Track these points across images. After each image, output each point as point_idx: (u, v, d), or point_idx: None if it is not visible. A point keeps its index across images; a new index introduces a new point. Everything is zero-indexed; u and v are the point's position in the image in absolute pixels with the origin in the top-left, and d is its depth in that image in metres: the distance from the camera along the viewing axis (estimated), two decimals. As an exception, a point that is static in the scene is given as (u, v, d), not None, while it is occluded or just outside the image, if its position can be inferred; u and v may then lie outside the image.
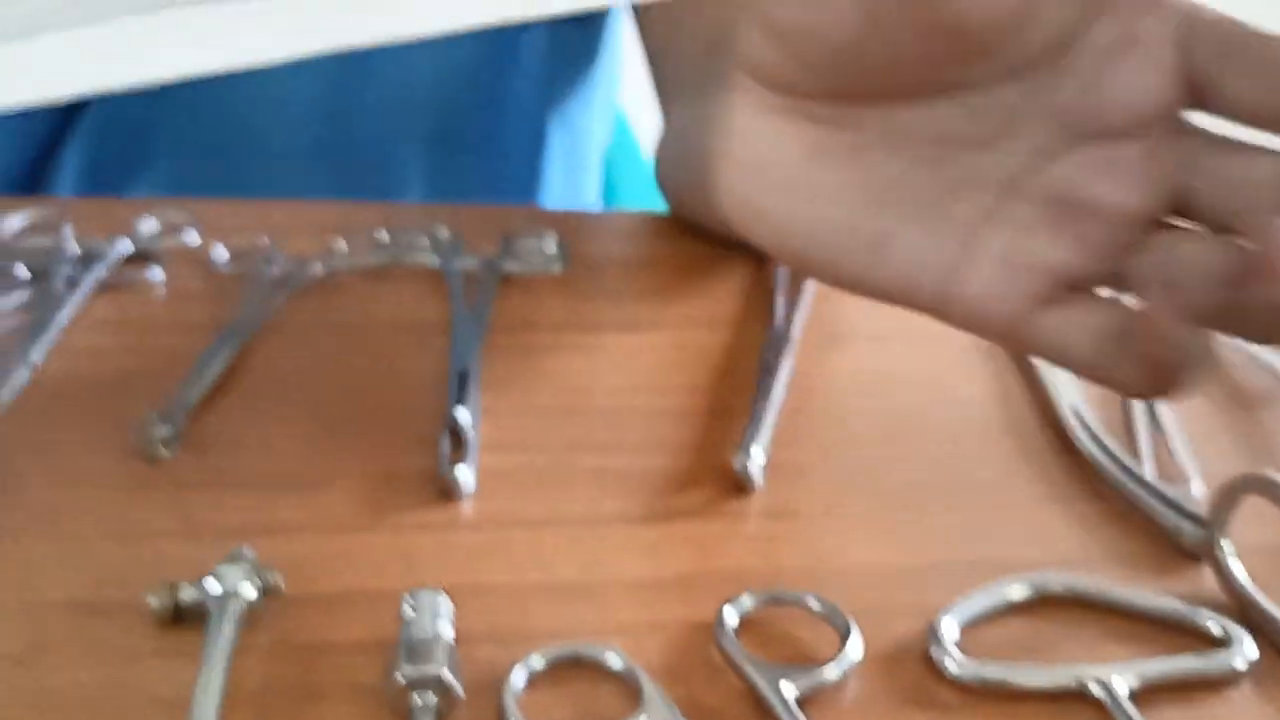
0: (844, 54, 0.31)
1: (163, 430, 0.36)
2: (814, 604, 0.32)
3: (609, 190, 0.84)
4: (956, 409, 0.43)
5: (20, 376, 0.40)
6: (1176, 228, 0.31)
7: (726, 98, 0.34)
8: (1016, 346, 0.37)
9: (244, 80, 0.51)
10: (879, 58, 0.31)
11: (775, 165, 0.33)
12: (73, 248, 0.47)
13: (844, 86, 0.32)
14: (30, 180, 0.66)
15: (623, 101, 0.83)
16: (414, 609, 0.29)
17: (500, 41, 0.67)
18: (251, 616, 0.30)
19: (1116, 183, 0.30)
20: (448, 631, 0.29)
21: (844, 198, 0.33)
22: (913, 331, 0.46)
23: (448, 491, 0.36)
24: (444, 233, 0.51)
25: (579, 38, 0.71)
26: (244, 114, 0.61)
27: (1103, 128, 0.31)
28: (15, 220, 0.49)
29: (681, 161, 0.52)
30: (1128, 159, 0.30)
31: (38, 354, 0.41)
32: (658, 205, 0.79)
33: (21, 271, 0.46)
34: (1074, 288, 0.31)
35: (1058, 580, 0.34)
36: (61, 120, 0.64)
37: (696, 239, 0.53)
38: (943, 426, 0.42)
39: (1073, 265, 0.31)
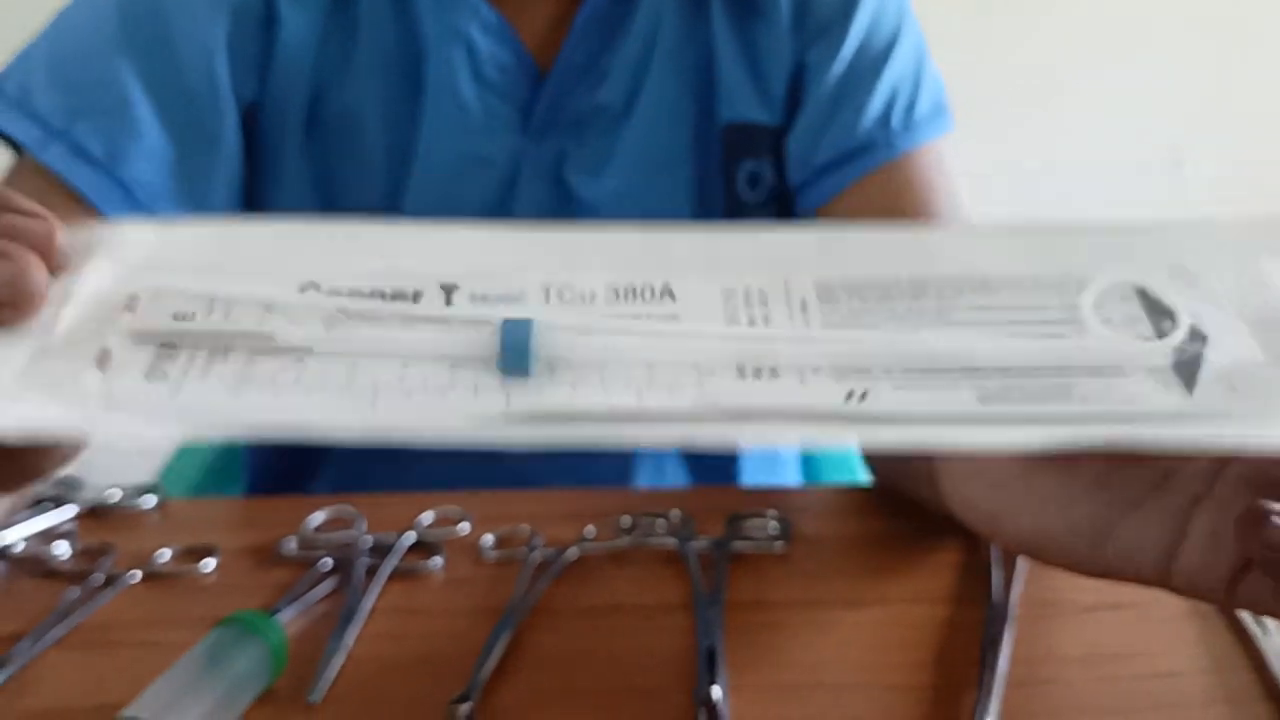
0: None
1: (464, 709, 0.42)
2: None
3: (809, 456, 0.90)
4: (1173, 679, 0.45)
5: (338, 661, 0.46)
6: None
7: None
8: (1228, 606, 0.40)
9: None
10: None
11: (997, 474, 0.38)
12: (367, 540, 0.55)
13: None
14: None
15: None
16: None
17: None
18: None
19: None
20: None
21: (1063, 496, 0.38)
22: (1121, 604, 0.50)
23: (709, 764, 0.41)
24: (676, 515, 0.57)
25: None
26: None
27: None
28: (318, 516, 0.58)
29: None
30: None
31: (350, 639, 0.48)
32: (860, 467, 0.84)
33: (326, 563, 0.54)
34: None
35: None
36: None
37: (905, 514, 0.57)
38: (1163, 696, 0.44)
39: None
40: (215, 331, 0.30)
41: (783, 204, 0.75)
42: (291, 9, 0.64)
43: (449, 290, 0.30)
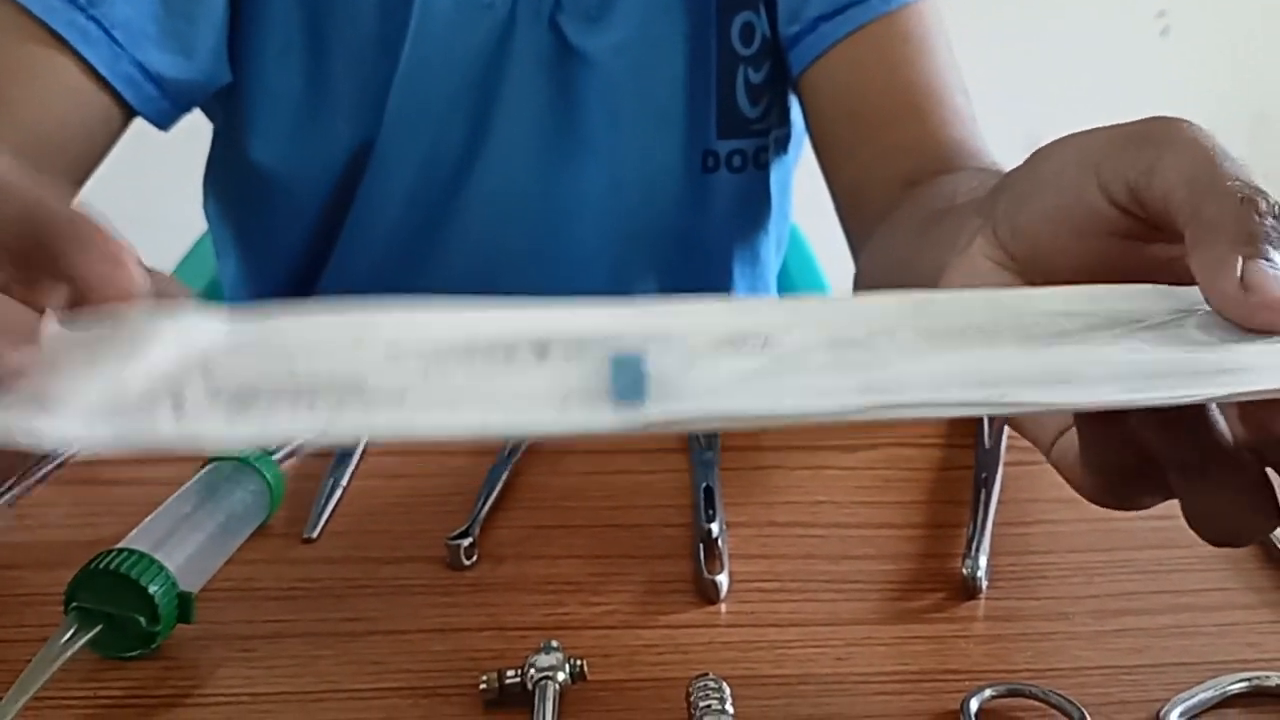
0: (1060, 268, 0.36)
1: (464, 542, 0.42)
2: (1048, 696, 0.36)
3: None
4: (1162, 522, 0.46)
5: (335, 498, 0.46)
6: None
7: (969, 241, 0.39)
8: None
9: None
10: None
11: None
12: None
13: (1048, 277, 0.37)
14: None
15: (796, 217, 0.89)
16: (705, 695, 0.34)
17: (693, 195, 0.74)
18: (563, 701, 0.35)
19: None
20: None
21: None
22: (1112, 448, 0.50)
23: (707, 594, 0.41)
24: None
25: (760, 186, 0.77)
26: None
27: None
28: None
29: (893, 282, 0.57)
30: None
31: (345, 477, 0.48)
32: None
33: (317, 405, 0.53)
34: None
35: (1278, 678, 0.37)
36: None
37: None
38: (1150, 537, 0.45)
39: None
40: (298, 382, 0.27)
41: (776, 59, 0.73)
42: None
43: (542, 347, 0.28)
